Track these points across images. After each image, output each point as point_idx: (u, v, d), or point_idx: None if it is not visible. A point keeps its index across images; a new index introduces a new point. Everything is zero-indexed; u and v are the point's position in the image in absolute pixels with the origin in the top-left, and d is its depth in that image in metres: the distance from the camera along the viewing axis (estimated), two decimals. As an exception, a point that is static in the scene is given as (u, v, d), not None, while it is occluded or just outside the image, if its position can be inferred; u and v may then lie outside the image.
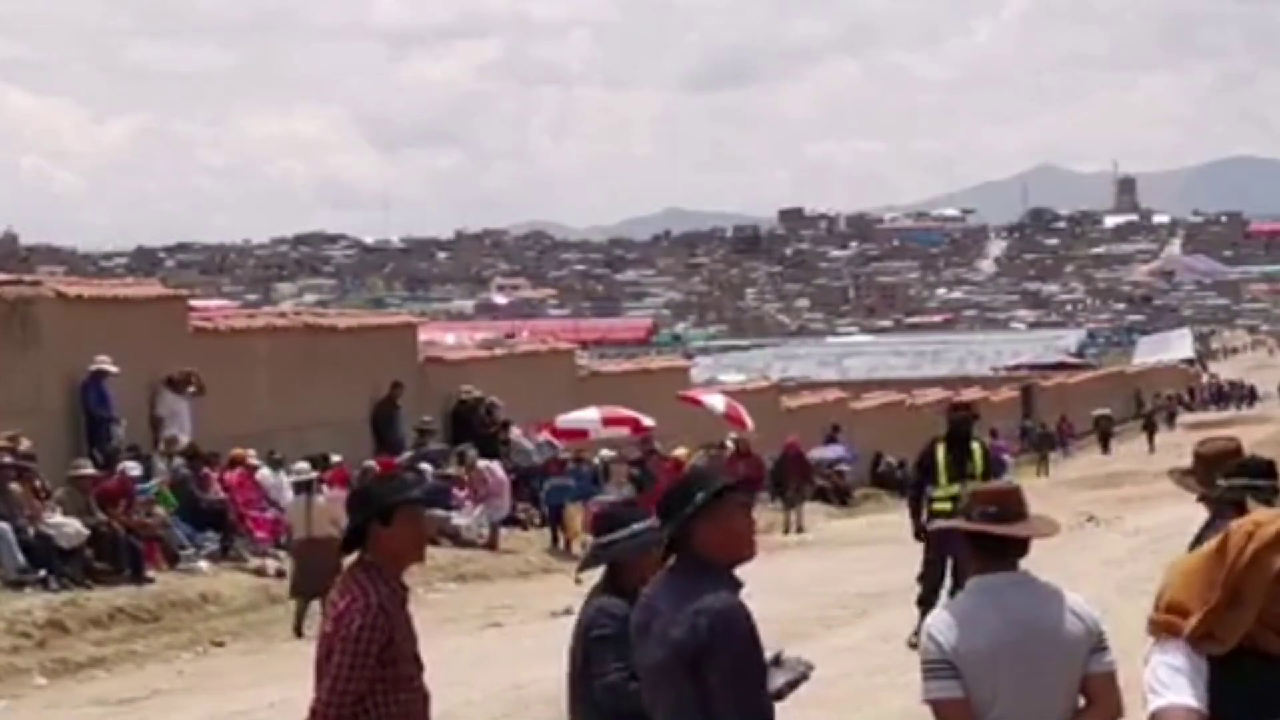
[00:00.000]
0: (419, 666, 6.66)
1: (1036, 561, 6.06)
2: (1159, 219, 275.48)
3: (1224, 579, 4.70)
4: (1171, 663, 4.68)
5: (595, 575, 7.37)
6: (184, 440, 23.34)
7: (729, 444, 34.54)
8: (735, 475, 31.13)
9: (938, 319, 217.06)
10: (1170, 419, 78.08)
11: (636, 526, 7.00)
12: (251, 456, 24.43)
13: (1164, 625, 4.71)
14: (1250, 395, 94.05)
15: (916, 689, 5.77)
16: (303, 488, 21.46)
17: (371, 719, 6.50)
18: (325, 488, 22.11)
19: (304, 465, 22.47)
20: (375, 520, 6.61)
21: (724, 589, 5.69)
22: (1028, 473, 55.18)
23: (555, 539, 28.43)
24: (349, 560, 6.80)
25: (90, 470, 20.97)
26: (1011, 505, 5.84)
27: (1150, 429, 64.81)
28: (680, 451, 31.65)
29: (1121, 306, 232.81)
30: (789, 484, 36.45)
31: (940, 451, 16.31)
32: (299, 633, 19.87)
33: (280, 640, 19.99)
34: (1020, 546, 5.83)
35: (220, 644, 19.48)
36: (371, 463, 25.22)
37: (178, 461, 23.10)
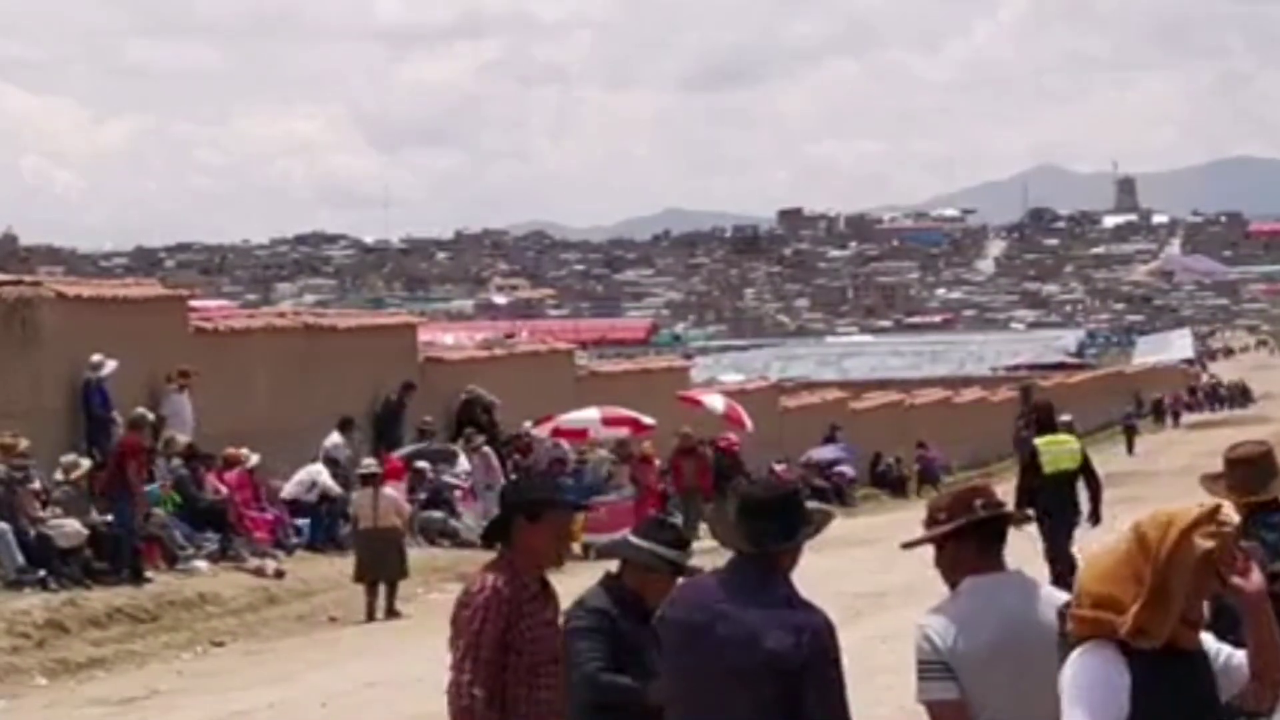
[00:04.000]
0: (556, 664, 6.69)
1: (1037, 561, 6.07)
2: (1158, 219, 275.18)
3: (1152, 570, 4.65)
4: (1093, 675, 4.61)
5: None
6: (182, 440, 23.34)
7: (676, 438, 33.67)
8: (681, 474, 30.95)
9: (937, 319, 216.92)
10: (1175, 417, 78.62)
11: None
12: (246, 456, 24.43)
13: (1095, 623, 4.64)
14: (1247, 395, 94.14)
15: (914, 689, 5.78)
16: (368, 480, 22.37)
17: (513, 712, 6.55)
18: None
19: (370, 461, 23.47)
20: (522, 517, 6.69)
21: (798, 598, 5.75)
22: (1005, 474, 55.11)
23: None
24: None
25: (87, 465, 21.03)
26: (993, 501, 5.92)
27: (1130, 431, 64.67)
28: (647, 446, 31.40)
29: (1121, 306, 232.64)
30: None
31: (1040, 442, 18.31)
32: (372, 617, 21.14)
33: (279, 640, 20.01)
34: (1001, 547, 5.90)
35: (220, 644, 19.49)
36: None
37: (175, 461, 23.11)
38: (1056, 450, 18.19)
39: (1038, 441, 18.38)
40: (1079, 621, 4.66)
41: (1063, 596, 5.61)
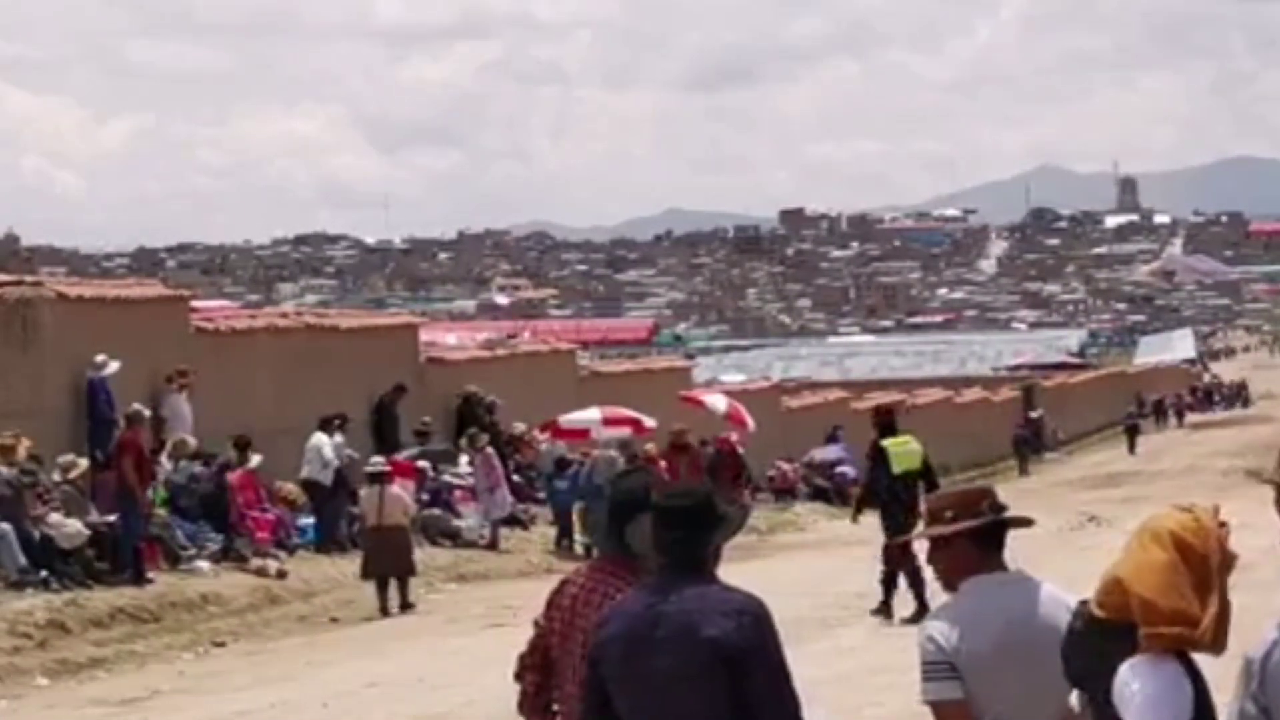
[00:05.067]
0: None
1: (1038, 562, 6.06)
2: (1160, 219, 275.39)
3: (1216, 577, 4.63)
4: (1167, 689, 4.59)
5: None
6: (192, 443, 23.31)
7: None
8: (674, 471, 30.95)
9: (939, 319, 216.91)
10: (1179, 416, 78.91)
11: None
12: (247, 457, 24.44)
13: (1176, 639, 4.61)
14: (1245, 394, 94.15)
15: (916, 689, 5.76)
16: (375, 479, 22.62)
17: None
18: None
19: (378, 459, 23.85)
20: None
21: (727, 586, 5.72)
22: (1010, 474, 55.18)
23: (560, 539, 28.35)
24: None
25: (85, 465, 21.06)
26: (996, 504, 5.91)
27: (1132, 431, 64.70)
28: (651, 447, 31.40)
29: (1123, 306, 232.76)
30: (721, 484, 35.98)
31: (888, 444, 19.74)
32: (385, 613, 21.48)
33: (281, 640, 20.01)
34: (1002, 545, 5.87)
35: (221, 644, 19.48)
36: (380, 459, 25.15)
37: (184, 463, 23.07)
38: (902, 451, 19.52)
39: (885, 443, 19.69)
40: (1157, 639, 4.62)
41: (1066, 596, 5.60)
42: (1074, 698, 5.17)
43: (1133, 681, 4.64)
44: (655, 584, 5.87)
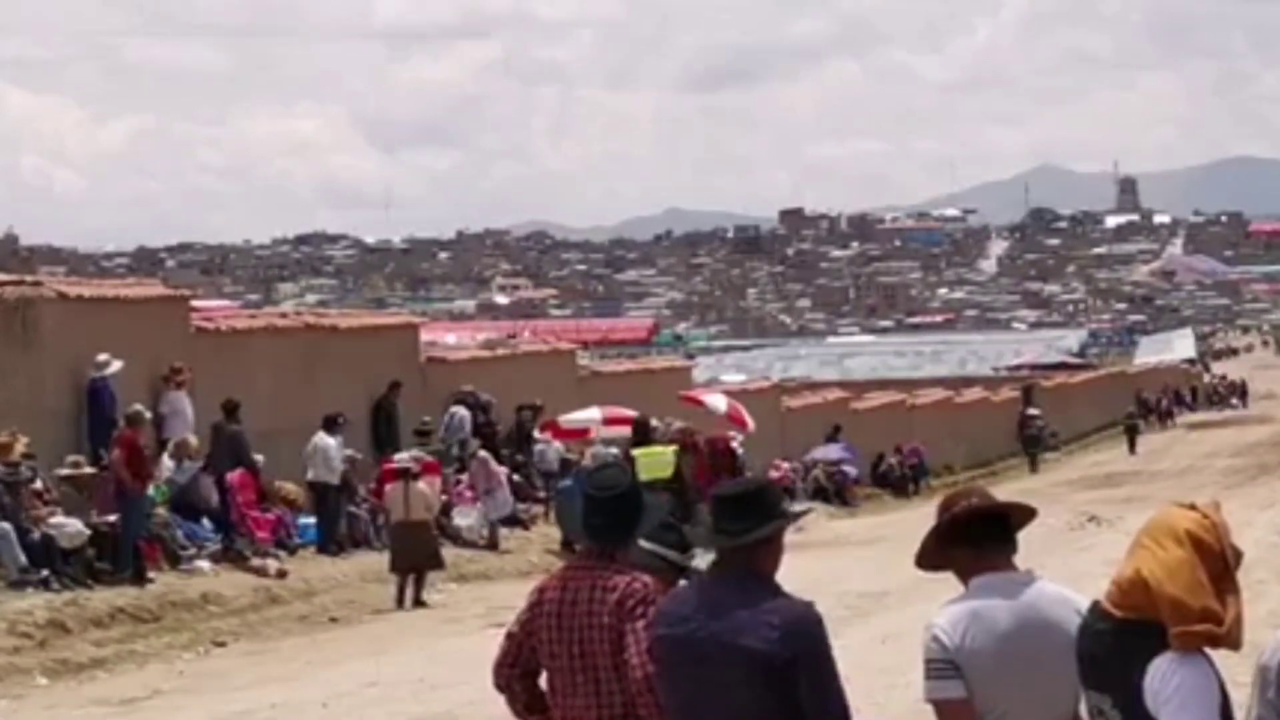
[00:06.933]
0: None
1: (1039, 562, 6.05)
2: (1160, 219, 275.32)
3: (1233, 576, 4.68)
4: (1204, 684, 4.64)
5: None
6: (195, 443, 23.29)
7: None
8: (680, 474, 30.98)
9: (939, 319, 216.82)
10: (1170, 416, 78.93)
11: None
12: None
13: (1208, 638, 4.65)
14: (1244, 394, 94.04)
15: (918, 689, 5.76)
16: (400, 475, 23.38)
17: None
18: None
19: (403, 455, 24.71)
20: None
21: (780, 593, 5.72)
22: (1019, 473, 55.15)
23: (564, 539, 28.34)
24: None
25: (88, 469, 21.05)
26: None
27: (1132, 431, 64.68)
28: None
29: (1123, 306, 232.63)
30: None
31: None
32: (401, 605, 22.09)
33: (281, 640, 20.01)
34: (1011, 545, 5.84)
35: (221, 644, 19.49)
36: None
37: (187, 463, 23.05)
38: (651, 461, 21.19)
39: (635, 452, 21.08)
40: (1189, 637, 4.66)
41: (1075, 597, 5.59)
42: (1084, 704, 5.18)
43: (1171, 679, 4.67)
44: (705, 585, 5.88)
